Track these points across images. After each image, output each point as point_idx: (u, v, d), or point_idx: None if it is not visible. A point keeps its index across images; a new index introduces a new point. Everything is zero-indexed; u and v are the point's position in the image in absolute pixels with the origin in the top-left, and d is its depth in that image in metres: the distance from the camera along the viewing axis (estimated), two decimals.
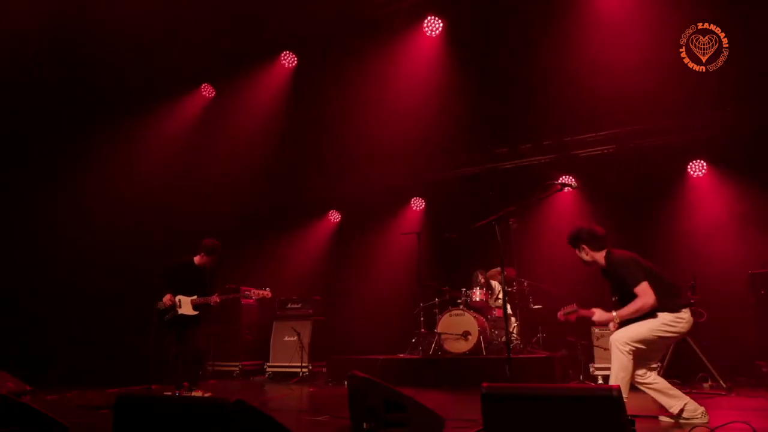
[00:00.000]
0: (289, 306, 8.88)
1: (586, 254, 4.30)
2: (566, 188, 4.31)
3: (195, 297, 6.13)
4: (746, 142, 7.72)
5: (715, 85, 7.18)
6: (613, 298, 4.44)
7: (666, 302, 3.99)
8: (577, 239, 4.32)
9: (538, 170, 9.39)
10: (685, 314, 4.01)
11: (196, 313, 6.15)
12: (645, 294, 3.93)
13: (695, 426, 3.76)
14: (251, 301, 9.35)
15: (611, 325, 4.16)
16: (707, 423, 3.85)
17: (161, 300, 6.08)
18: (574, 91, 8.17)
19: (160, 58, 8.56)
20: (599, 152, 8.97)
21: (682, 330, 4.03)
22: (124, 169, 9.12)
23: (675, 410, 3.99)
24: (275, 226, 10.40)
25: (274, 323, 8.85)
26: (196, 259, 6.29)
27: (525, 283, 7.95)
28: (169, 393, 5.72)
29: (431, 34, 8.09)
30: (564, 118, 8.80)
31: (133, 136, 9.01)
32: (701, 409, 3.97)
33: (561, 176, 9.18)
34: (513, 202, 9.16)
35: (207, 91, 9.65)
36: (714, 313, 5.84)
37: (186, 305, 6.11)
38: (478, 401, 2.79)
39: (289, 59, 8.88)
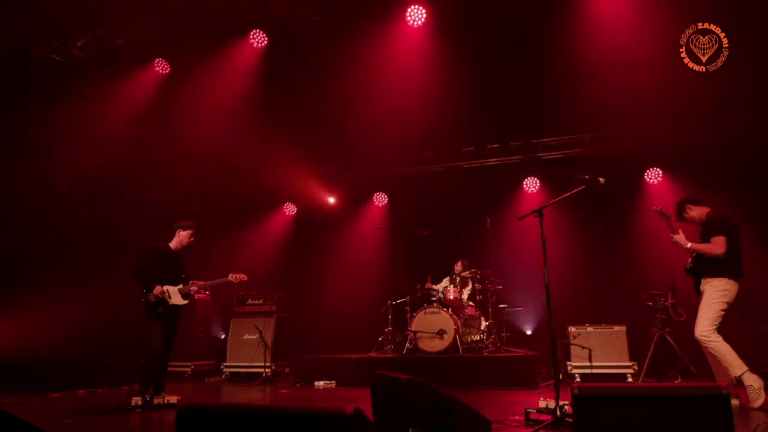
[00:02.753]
0: (249, 302, 8.31)
1: (693, 211, 4.95)
2: (595, 184, 4.19)
3: (181, 285, 5.55)
4: (699, 153, 8.18)
5: (678, 97, 7.58)
6: (688, 261, 5.00)
7: (727, 268, 4.62)
8: (682, 202, 5.04)
9: (504, 170, 9.50)
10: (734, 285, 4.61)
11: (186, 302, 5.61)
12: (718, 244, 4.60)
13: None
14: (204, 295, 8.72)
15: (682, 243, 4.82)
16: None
17: (150, 292, 5.41)
18: (545, 96, 8.28)
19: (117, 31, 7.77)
20: (563, 155, 9.21)
21: (732, 296, 4.61)
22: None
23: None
24: (228, 217, 9.76)
25: (232, 320, 8.25)
26: (172, 243, 5.70)
27: (495, 281, 7.95)
28: (139, 398, 5.09)
29: (414, 23, 7.83)
30: (533, 120, 8.92)
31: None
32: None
33: (526, 178, 9.41)
34: (493, 200, 9.33)
35: (161, 67, 8.83)
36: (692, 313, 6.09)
37: (175, 295, 5.52)
38: None
39: (258, 39, 8.29)
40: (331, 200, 10.25)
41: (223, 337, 9.33)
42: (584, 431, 2.56)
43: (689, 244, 4.77)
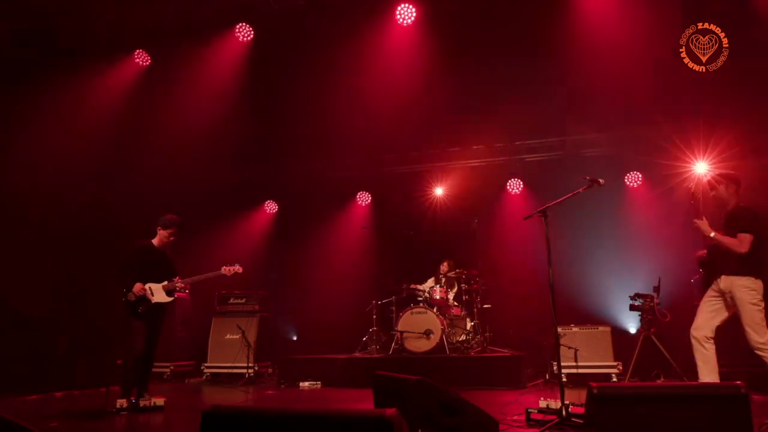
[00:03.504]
0: (231, 301, 8.13)
1: (729, 189, 4.45)
2: (595, 185, 4.23)
3: (166, 282, 5.38)
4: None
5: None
6: (703, 252, 4.65)
7: (753, 266, 4.23)
8: (722, 177, 4.52)
9: (489, 171, 9.54)
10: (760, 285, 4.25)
11: (171, 299, 5.44)
12: (744, 242, 4.16)
13: None
14: (184, 294, 8.48)
15: (705, 230, 4.33)
16: None
17: (130, 291, 5.24)
18: (528, 98, 8.32)
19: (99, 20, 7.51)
20: (546, 158, 9.31)
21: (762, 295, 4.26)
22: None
23: None
24: (208, 214, 9.52)
25: (213, 319, 8.06)
26: (155, 241, 5.54)
27: (481, 282, 7.98)
28: (124, 400, 4.91)
29: (403, 22, 7.79)
30: (516, 123, 8.98)
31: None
32: None
33: (510, 179, 9.47)
34: (478, 200, 9.31)
35: (141, 58, 8.56)
36: (676, 314, 6.22)
37: (159, 292, 5.35)
38: None
39: (244, 33, 8.11)
40: (312, 198, 10.13)
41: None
42: (603, 431, 2.55)
43: (713, 233, 4.28)
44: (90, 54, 8.29)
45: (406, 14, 7.75)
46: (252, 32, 8.15)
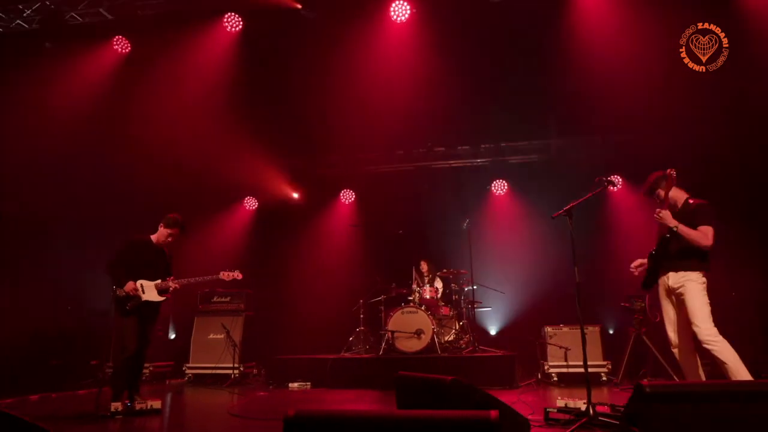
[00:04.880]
0: (214, 300, 7.87)
1: (667, 188, 4.26)
2: (611, 186, 4.26)
3: (159, 281, 5.13)
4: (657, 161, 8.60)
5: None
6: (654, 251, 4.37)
7: (707, 261, 4.13)
8: (661, 178, 4.31)
9: (472, 172, 9.59)
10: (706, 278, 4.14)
11: (162, 298, 5.20)
12: (707, 235, 4.04)
13: None
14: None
15: (668, 221, 4.11)
16: None
17: (120, 286, 4.97)
18: (515, 100, 8.39)
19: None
20: (531, 160, 9.42)
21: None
22: None
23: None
24: (189, 210, 9.18)
25: (196, 319, 7.78)
26: (154, 237, 5.28)
27: (468, 282, 7.99)
28: (119, 403, 4.64)
29: (398, 19, 7.71)
30: (500, 124, 9.05)
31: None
32: None
33: (494, 180, 9.53)
34: (463, 201, 9.30)
35: (121, 45, 8.18)
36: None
37: (150, 290, 5.10)
38: None
39: (233, 23, 7.86)
40: (295, 195, 9.94)
41: (174, 337, 8.81)
42: (655, 430, 2.55)
43: (677, 225, 4.06)
44: (61, 37, 7.90)
45: (400, 11, 7.66)
46: (241, 23, 7.89)
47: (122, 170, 8.53)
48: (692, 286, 4.08)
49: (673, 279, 4.20)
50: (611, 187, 4.40)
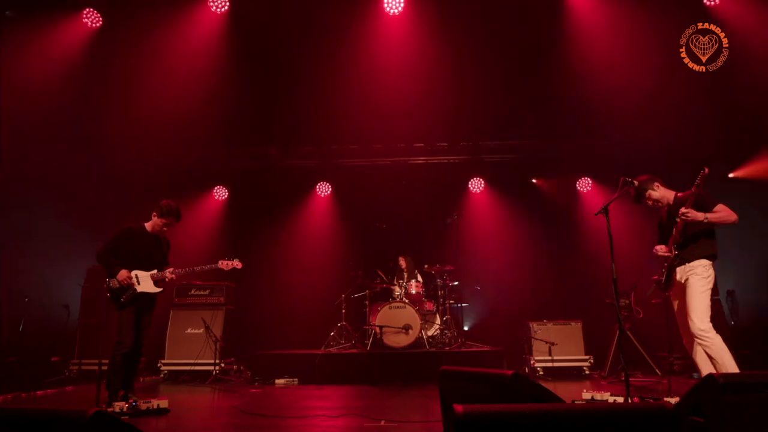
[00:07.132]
0: (192, 293, 7.49)
1: (659, 190, 4.39)
2: (631, 187, 4.40)
3: (155, 272, 4.82)
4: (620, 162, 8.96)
5: None
6: (672, 248, 4.31)
7: (714, 248, 4.16)
8: (648, 181, 4.40)
9: (449, 169, 9.66)
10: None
11: (159, 290, 4.93)
12: (726, 209, 4.05)
13: None
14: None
15: (697, 216, 4.04)
16: None
17: (113, 277, 4.65)
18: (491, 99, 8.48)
19: None
20: (506, 159, 9.60)
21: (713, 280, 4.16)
22: None
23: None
24: (158, 197, 8.68)
25: (172, 312, 7.38)
26: (148, 225, 4.96)
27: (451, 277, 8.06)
28: (124, 403, 4.32)
29: (392, 12, 7.61)
30: (478, 122, 9.15)
31: None
32: None
33: (472, 177, 9.64)
34: (441, 197, 9.27)
35: (91, 19, 7.59)
36: (648, 311, 6.71)
37: (146, 281, 4.79)
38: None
39: (219, 3, 7.48)
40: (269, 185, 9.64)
41: None
42: (729, 424, 2.65)
43: (706, 217, 4.01)
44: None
45: (394, 4, 7.58)
46: (227, 4, 7.53)
47: (92, 153, 7.95)
48: (695, 280, 4.12)
49: (680, 273, 4.27)
50: (630, 189, 4.42)
